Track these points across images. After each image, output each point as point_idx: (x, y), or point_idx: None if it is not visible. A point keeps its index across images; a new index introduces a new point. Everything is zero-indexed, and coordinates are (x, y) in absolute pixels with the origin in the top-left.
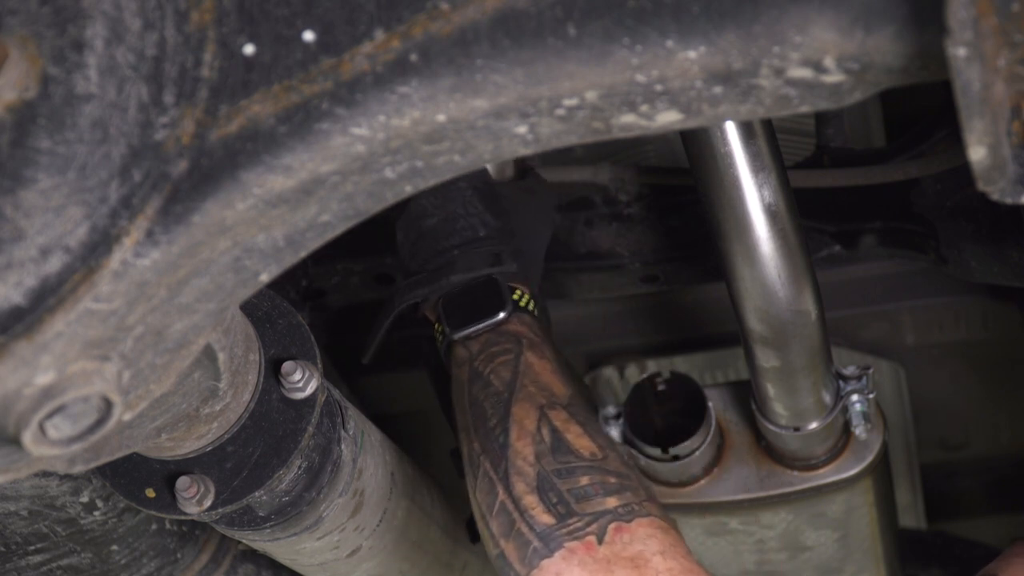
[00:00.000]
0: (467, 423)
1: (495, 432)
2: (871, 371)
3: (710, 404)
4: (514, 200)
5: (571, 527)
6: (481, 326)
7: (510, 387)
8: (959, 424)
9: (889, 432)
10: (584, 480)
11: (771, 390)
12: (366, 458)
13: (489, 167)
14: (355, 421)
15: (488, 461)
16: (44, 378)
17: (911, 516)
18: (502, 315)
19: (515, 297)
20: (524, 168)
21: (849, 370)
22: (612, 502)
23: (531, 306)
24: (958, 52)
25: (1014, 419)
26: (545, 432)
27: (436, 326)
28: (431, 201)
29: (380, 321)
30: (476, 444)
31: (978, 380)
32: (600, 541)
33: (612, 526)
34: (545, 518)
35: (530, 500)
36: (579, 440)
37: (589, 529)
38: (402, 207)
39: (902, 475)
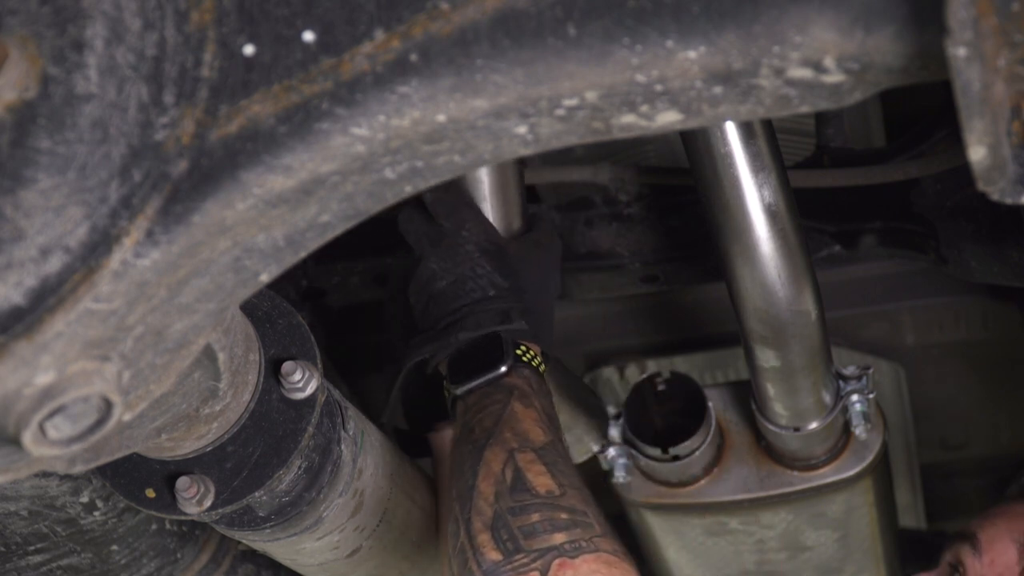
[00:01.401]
0: (451, 471)
1: (466, 476)
2: (871, 371)
3: (710, 404)
4: (521, 257)
5: (516, 563)
6: (481, 380)
7: (488, 434)
8: (959, 424)
9: (889, 432)
10: (535, 517)
11: (771, 390)
12: (366, 458)
13: (496, 220)
14: (355, 421)
15: (458, 504)
16: (44, 378)
17: (911, 516)
18: (502, 369)
19: (519, 352)
20: (531, 217)
21: (849, 370)
22: (559, 538)
23: (535, 362)
24: (958, 52)
25: (1014, 419)
26: (508, 472)
27: (444, 386)
28: (440, 265)
29: (392, 382)
30: (453, 490)
31: (978, 380)
32: None
33: (556, 562)
34: (493, 555)
35: (483, 538)
36: (538, 478)
37: (534, 565)
38: (411, 272)
39: (902, 475)
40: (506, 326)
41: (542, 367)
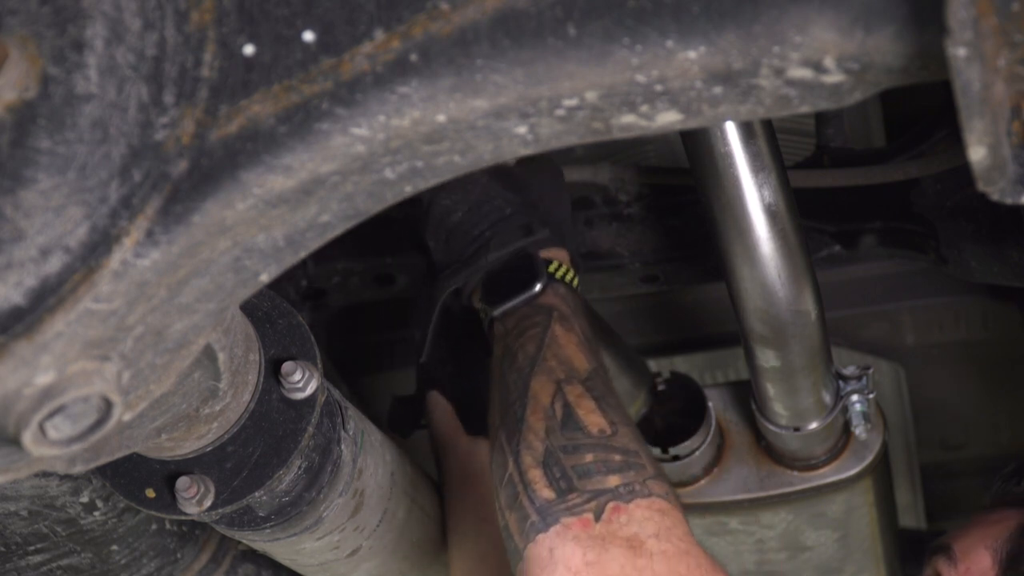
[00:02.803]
0: (494, 398)
1: (514, 406)
2: (871, 371)
3: (710, 404)
4: (529, 174)
5: (569, 503)
6: (517, 301)
7: (532, 361)
8: (959, 424)
9: (889, 432)
10: (588, 457)
11: (771, 390)
12: (366, 458)
13: None
14: (355, 421)
15: (504, 434)
16: (44, 378)
17: (911, 516)
18: (537, 288)
19: (551, 269)
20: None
21: (849, 370)
22: (613, 481)
23: (568, 276)
24: (958, 52)
25: (1014, 419)
26: (558, 407)
27: (479, 308)
28: (452, 199)
29: (427, 316)
30: (497, 417)
31: (978, 380)
32: (597, 519)
33: (610, 505)
34: (546, 492)
35: (534, 474)
36: (589, 416)
37: (587, 506)
38: (424, 217)
39: (902, 475)
40: (530, 238)
41: (575, 281)
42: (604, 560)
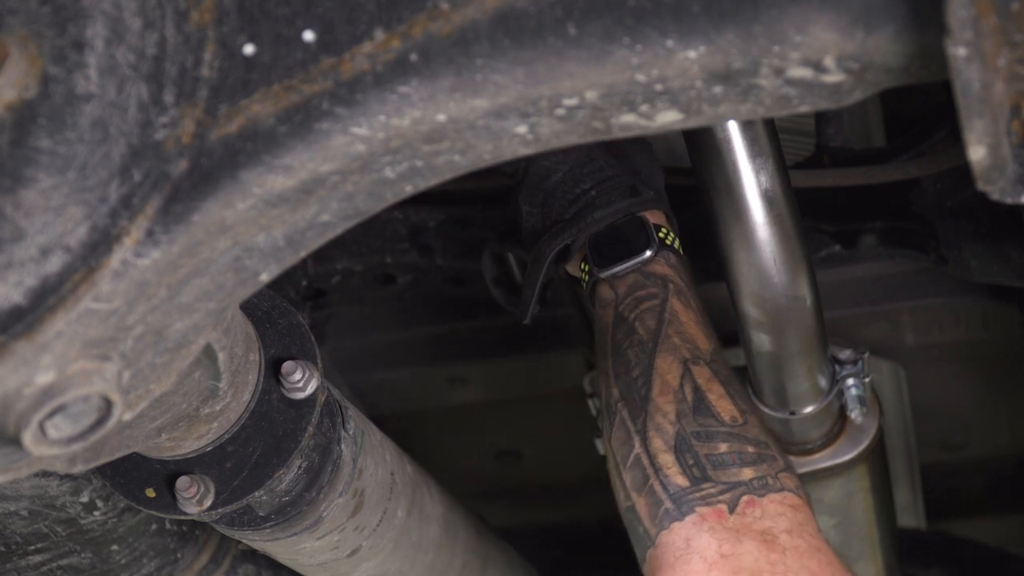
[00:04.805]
0: (608, 368)
1: (637, 383)
2: (866, 355)
3: None
4: (625, 147)
5: (704, 492)
6: (628, 264)
7: (655, 336)
8: (959, 424)
9: (885, 417)
10: (723, 447)
11: (767, 375)
12: (366, 458)
13: None
14: (355, 421)
15: (627, 410)
16: (44, 378)
17: (911, 516)
18: (648, 253)
19: (660, 235)
20: None
21: (845, 354)
22: (748, 473)
23: (676, 243)
24: (958, 52)
25: (1014, 419)
26: (688, 390)
27: (582, 266)
28: (552, 160)
29: (533, 276)
30: (616, 391)
31: (978, 380)
32: (731, 511)
33: (745, 499)
34: (679, 479)
35: (666, 459)
36: (720, 402)
37: (722, 498)
38: (521, 181)
39: (902, 475)
40: (637, 198)
41: (681, 248)
42: (739, 553)
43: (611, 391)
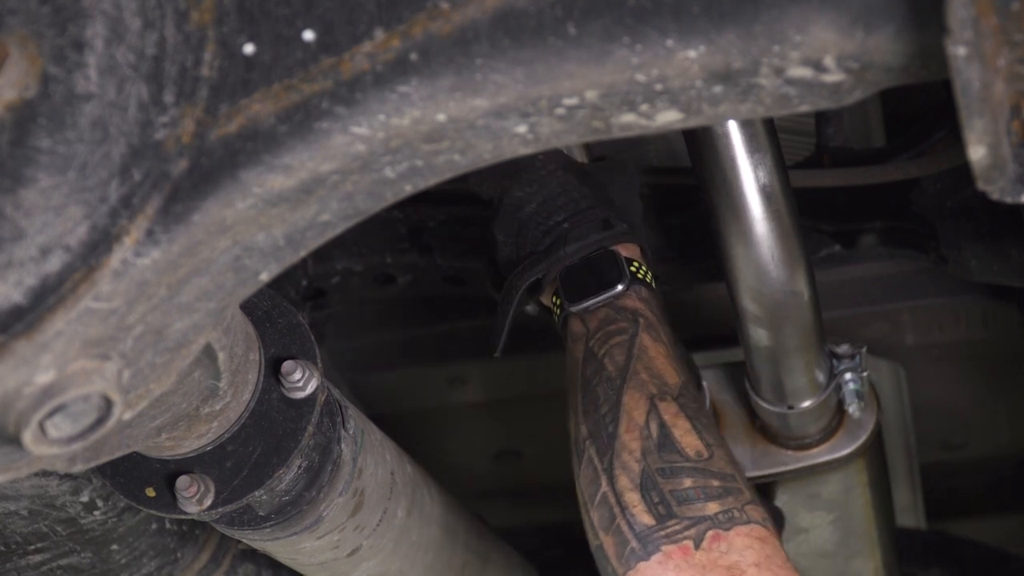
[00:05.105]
0: (577, 404)
1: (605, 420)
2: (864, 350)
3: (705, 384)
4: (603, 177)
5: (670, 530)
6: (599, 299)
7: (623, 372)
8: (959, 424)
9: (883, 412)
10: (687, 483)
11: (765, 369)
12: (366, 457)
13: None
14: (355, 421)
15: (594, 448)
16: (44, 377)
17: (911, 516)
18: (620, 287)
19: (632, 268)
20: (599, 157)
21: (842, 349)
22: (713, 507)
23: (648, 277)
24: (958, 51)
25: (1014, 419)
26: (653, 426)
27: (553, 300)
28: (525, 191)
29: (504, 310)
30: (584, 428)
31: (978, 380)
32: (697, 547)
33: (710, 533)
34: (645, 518)
35: (632, 497)
36: (686, 437)
37: (687, 533)
38: (496, 210)
39: (902, 475)
40: (609, 231)
41: (654, 282)
42: None
43: (580, 428)
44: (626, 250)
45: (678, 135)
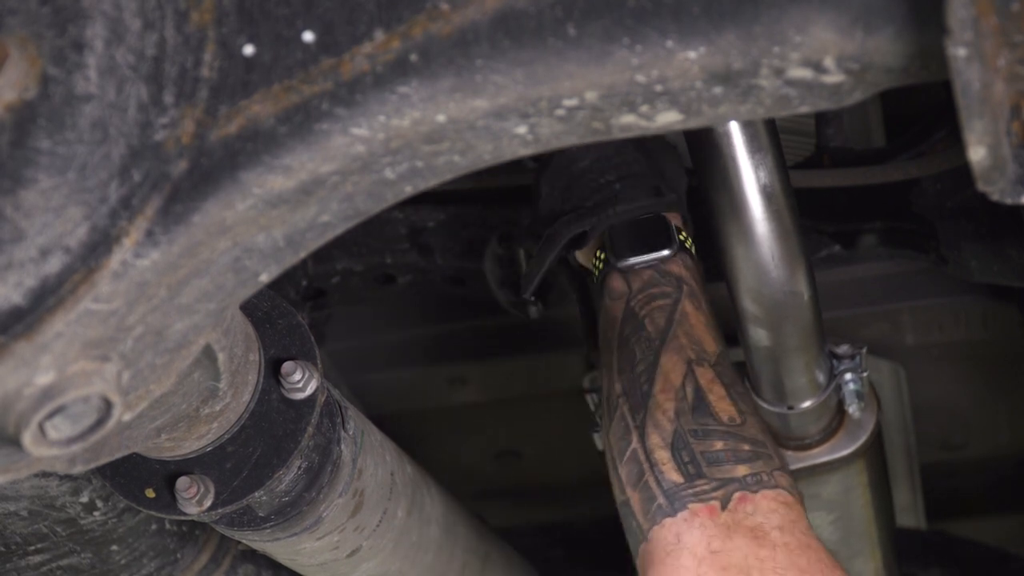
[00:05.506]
0: (612, 362)
1: (640, 379)
2: (864, 350)
3: None
4: (654, 146)
5: (698, 488)
6: (647, 258)
7: (663, 335)
8: (959, 424)
9: (883, 412)
10: (718, 445)
11: (765, 370)
12: (366, 458)
13: None
14: (355, 421)
15: (627, 406)
16: (44, 378)
17: (911, 516)
18: (668, 252)
19: (680, 237)
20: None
21: (842, 349)
22: (741, 470)
23: (693, 249)
24: (958, 52)
25: (1014, 419)
26: (689, 389)
27: (597, 255)
28: (580, 147)
29: (544, 254)
30: (618, 385)
31: (978, 380)
32: (723, 507)
33: (737, 495)
34: (674, 476)
35: (662, 455)
36: (720, 403)
37: (715, 494)
38: (546, 163)
39: (902, 475)
40: (661, 199)
41: (695, 251)
42: (728, 549)
43: (613, 385)
44: (673, 219)
45: (680, 137)
